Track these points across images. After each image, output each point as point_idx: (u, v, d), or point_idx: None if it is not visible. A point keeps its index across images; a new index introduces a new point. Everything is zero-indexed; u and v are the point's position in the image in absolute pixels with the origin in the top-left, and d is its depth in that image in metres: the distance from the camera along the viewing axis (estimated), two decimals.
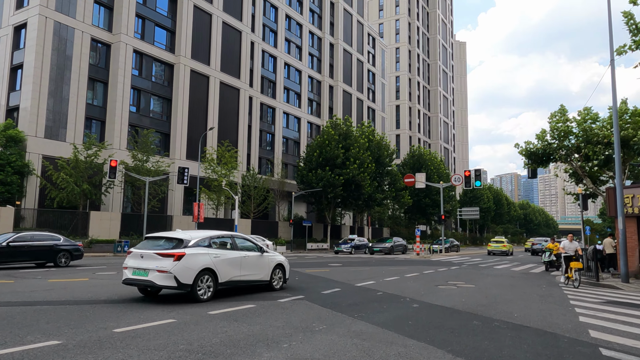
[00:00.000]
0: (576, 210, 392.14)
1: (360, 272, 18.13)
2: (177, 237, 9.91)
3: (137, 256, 9.64)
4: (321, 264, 22.91)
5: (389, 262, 26.09)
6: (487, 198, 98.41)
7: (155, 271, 9.24)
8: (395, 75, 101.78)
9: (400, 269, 19.57)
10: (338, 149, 46.08)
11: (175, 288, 9.34)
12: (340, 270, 18.93)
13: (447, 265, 23.42)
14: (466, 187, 34.75)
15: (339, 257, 32.04)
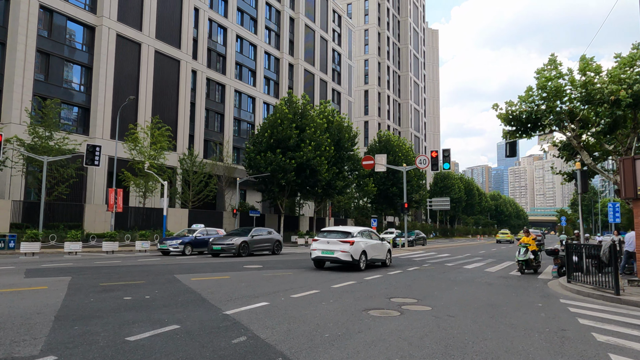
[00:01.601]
0: (545, 202, 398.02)
1: (271, 280, 12.58)
2: (347, 231, 16.14)
3: (324, 242, 15.87)
4: (230, 265, 17.29)
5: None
6: (458, 188, 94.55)
7: (339, 251, 15.47)
8: (363, 58, 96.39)
9: (334, 275, 14.11)
10: (291, 129, 40.37)
11: (349, 262, 15.55)
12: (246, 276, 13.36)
13: (404, 266, 18.13)
14: (433, 169, 29.67)
15: (213, 259, 26.40)
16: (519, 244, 16.80)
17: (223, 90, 50.90)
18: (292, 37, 63.04)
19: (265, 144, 40.56)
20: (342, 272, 15.08)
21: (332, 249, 15.38)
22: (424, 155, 30.12)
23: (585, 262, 12.79)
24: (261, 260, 19.95)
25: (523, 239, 16.51)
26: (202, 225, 28.64)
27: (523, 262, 15.93)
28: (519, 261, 16.06)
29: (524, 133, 16.73)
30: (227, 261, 19.06)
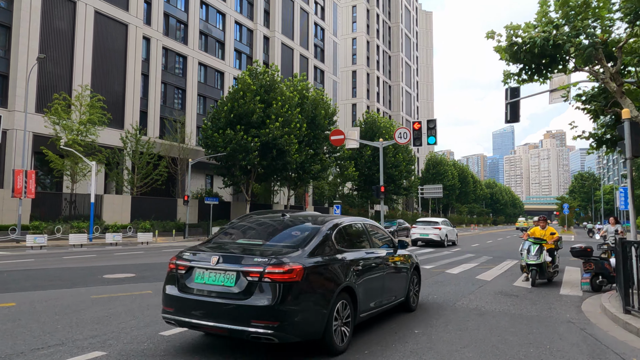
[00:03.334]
0: (540, 190, 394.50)
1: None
2: (436, 220, 26.10)
3: (422, 228, 25.69)
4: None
5: None
6: (452, 175, 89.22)
7: (432, 234, 24.90)
8: (351, 36, 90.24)
9: None
10: (255, 102, 34.58)
11: (440, 242, 24.82)
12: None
13: None
14: (415, 144, 24.06)
15: None
16: (525, 237, 11.06)
17: (185, 62, 44.94)
18: (267, 6, 56.95)
19: (224, 120, 34.78)
20: None
21: (427, 232, 25.34)
22: (404, 127, 24.47)
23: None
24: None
25: (534, 231, 10.93)
26: None
27: (536, 267, 10.37)
28: (528, 265, 10.52)
29: (536, 73, 11.11)
30: (87, 267, 13.47)
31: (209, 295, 4.67)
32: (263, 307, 4.39)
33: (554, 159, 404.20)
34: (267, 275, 4.48)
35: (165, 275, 5.17)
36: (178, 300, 4.82)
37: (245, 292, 4.53)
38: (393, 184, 58.89)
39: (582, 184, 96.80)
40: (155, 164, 34.46)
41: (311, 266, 4.76)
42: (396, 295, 6.69)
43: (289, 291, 4.47)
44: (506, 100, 17.53)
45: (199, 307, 4.65)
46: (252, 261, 4.62)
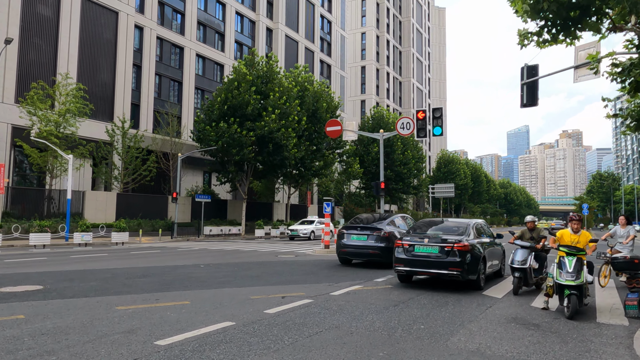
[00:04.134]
0: (556, 191, 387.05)
1: None
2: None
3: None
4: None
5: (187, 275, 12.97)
6: (464, 174, 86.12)
7: None
8: (360, 31, 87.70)
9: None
10: (250, 93, 32.33)
11: None
12: None
13: (332, 287, 10.28)
14: (419, 136, 21.59)
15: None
16: (554, 244, 7.98)
17: (181, 53, 42.88)
18: None
19: (217, 112, 32.60)
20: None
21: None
22: (407, 117, 21.99)
23: None
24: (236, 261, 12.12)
25: (563, 235, 8.16)
26: None
27: (575, 292, 7.13)
28: (559, 287, 7.36)
29: (562, 31, 8.58)
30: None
31: (425, 257, 9.43)
32: (454, 262, 9.16)
33: (570, 159, 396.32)
34: (455, 247, 9.26)
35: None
36: (406, 260, 9.56)
37: (444, 255, 9.27)
38: (402, 182, 56.37)
39: (601, 183, 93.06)
40: (145, 159, 32.40)
41: (471, 243, 9.47)
42: (496, 264, 11.38)
43: (464, 255, 9.19)
44: (522, 80, 14.99)
45: (419, 263, 9.45)
46: (446, 241, 9.39)
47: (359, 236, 13.28)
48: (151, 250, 19.38)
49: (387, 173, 53.52)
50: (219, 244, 24.59)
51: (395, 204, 69.80)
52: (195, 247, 21.24)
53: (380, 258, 12.85)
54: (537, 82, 14.91)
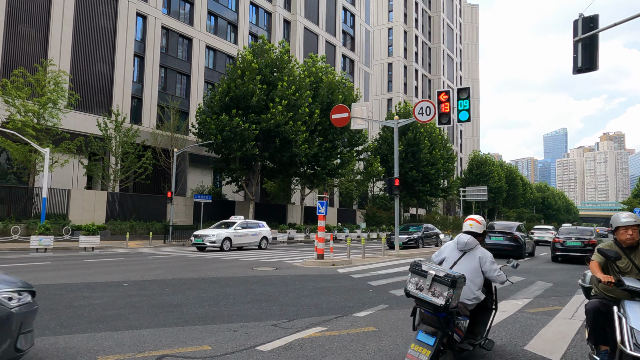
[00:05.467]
0: (596, 196, 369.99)
1: None
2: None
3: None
4: None
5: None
6: (498, 176, 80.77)
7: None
8: (387, 26, 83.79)
9: None
10: (255, 83, 29.15)
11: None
12: None
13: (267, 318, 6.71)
14: (442, 122, 17.89)
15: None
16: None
17: (190, 45, 40.21)
18: None
19: (218, 104, 29.58)
20: None
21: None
22: (427, 100, 18.26)
23: None
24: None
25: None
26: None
27: None
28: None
29: None
30: None
31: (572, 247, 18.04)
32: (590, 250, 16.82)
33: (612, 162, 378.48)
34: (590, 242, 17.66)
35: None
36: (561, 249, 18.32)
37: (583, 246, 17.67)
38: (429, 184, 52.14)
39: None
40: (141, 155, 29.65)
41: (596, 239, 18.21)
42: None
43: (594, 245, 16.26)
44: (575, 37, 11.18)
45: (569, 249, 18.07)
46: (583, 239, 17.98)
47: (496, 237, 19.05)
48: (119, 257, 16.31)
49: (413, 174, 49.54)
50: (209, 251, 21.39)
51: (422, 208, 65.49)
52: (173, 255, 18.06)
53: (511, 251, 18.37)
54: (597, 38, 11.06)
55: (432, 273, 3.76)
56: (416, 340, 3.80)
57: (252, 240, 22.62)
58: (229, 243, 21.23)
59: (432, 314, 3.82)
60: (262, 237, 23.21)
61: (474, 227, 4.77)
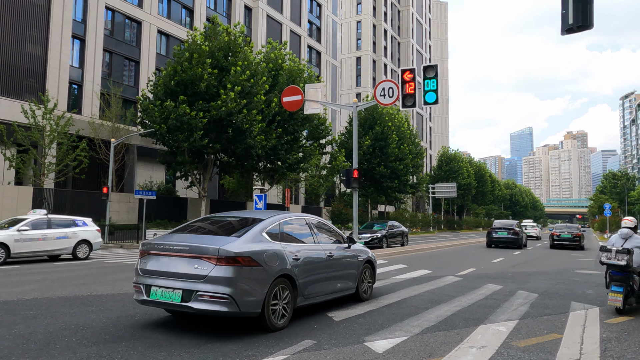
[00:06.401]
0: (561, 193, 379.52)
1: None
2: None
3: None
4: None
5: None
6: (467, 173, 79.91)
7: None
8: (355, 19, 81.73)
9: None
10: (205, 67, 26.30)
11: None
12: None
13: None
14: (406, 105, 15.59)
15: None
16: None
17: (139, 28, 36.91)
18: None
19: (162, 89, 26.62)
20: None
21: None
22: (389, 80, 15.97)
23: None
24: None
25: None
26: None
27: None
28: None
29: None
30: None
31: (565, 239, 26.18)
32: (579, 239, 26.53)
33: (575, 160, 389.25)
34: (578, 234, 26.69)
35: None
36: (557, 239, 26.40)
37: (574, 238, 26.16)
38: (397, 180, 50.26)
39: (614, 183, 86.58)
40: (75, 147, 26.39)
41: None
42: None
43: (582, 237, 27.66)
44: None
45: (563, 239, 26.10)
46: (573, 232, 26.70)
47: (502, 232, 25.43)
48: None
49: (381, 169, 47.57)
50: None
51: (391, 205, 63.63)
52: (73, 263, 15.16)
53: (513, 243, 25.02)
54: None
55: (614, 249, 7.04)
56: (611, 290, 7.06)
57: (54, 248, 14.88)
58: (4, 253, 13.58)
59: (619, 273, 7.03)
60: (79, 242, 15.53)
61: (627, 223, 7.63)
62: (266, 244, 5.77)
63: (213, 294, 5.09)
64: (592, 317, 6.96)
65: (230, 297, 5.09)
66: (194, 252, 5.32)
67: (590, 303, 8.20)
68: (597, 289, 10.07)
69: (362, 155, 46.65)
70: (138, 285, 5.64)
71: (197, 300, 5.13)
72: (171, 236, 5.96)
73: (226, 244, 5.33)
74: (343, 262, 7.28)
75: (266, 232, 5.96)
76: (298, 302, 6.11)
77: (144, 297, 5.52)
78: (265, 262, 5.54)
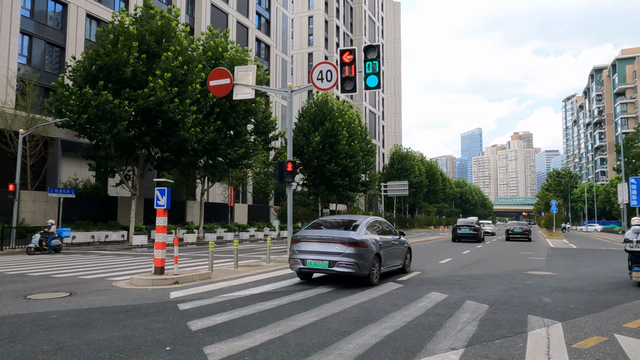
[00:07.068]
0: (508, 191, 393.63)
1: None
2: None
3: None
4: None
5: None
6: (419, 171, 79.99)
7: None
8: (307, 14, 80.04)
9: None
10: (132, 51, 23.70)
11: None
12: None
13: None
14: (345, 89, 14.00)
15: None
16: None
17: (65, 11, 33.53)
18: None
19: (82, 75, 23.82)
20: None
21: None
22: (327, 62, 14.29)
23: None
24: None
25: None
26: None
27: None
28: None
29: None
30: None
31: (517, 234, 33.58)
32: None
33: (521, 160, 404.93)
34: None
35: None
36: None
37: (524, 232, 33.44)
38: (348, 178, 48.94)
39: (559, 181, 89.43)
40: None
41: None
42: None
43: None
44: None
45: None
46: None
47: (465, 229, 29.73)
48: None
49: (331, 166, 46.05)
50: (48, 259, 15.94)
51: (343, 203, 62.35)
52: None
53: (474, 237, 29.51)
54: None
55: (635, 240, 9.44)
56: (634, 270, 9.52)
57: None
58: None
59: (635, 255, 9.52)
60: None
61: (637, 221, 9.92)
62: (369, 235, 9.58)
63: (347, 263, 8.80)
64: (556, 339, 5.42)
65: (357, 264, 8.85)
66: (335, 240, 9.04)
67: (550, 316, 6.71)
68: (554, 295, 8.70)
69: (312, 152, 45.01)
70: (295, 259, 9.32)
71: (338, 266, 8.84)
72: (310, 231, 9.65)
73: (351, 234, 9.12)
74: (399, 247, 11.32)
75: (366, 228, 9.74)
76: (381, 270, 9.94)
77: (300, 266, 9.26)
78: (370, 245, 9.28)
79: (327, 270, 8.98)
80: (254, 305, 7.25)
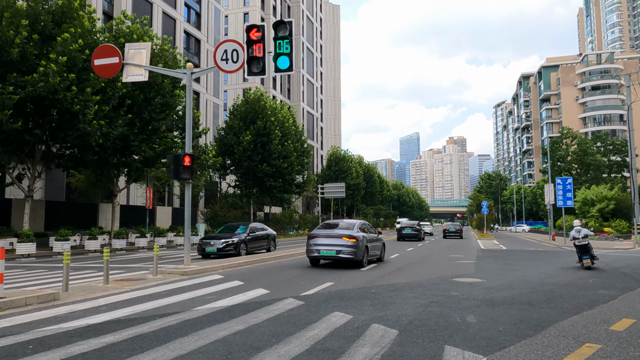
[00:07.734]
0: (444, 194, 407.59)
1: None
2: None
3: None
4: None
5: None
6: (357, 173, 79.48)
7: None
8: (242, 11, 77.46)
9: None
10: (20, 30, 20.45)
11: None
12: None
13: None
14: (252, 72, 12.05)
15: None
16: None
17: None
18: None
19: None
20: None
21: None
22: (233, 40, 12.33)
23: None
24: None
25: None
26: None
27: None
28: None
29: None
30: None
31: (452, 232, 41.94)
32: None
33: (456, 163, 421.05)
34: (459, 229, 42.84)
35: None
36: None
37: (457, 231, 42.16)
38: (282, 179, 46.96)
39: (490, 183, 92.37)
40: None
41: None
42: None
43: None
44: None
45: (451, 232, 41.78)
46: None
47: (407, 230, 35.03)
48: None
49: (264, 167, 43.87)
50: None
51: (278, 206, 60.29)
52: None
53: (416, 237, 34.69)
54: None
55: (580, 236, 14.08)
56: (584, 258, 13.84)
57: None
58: None
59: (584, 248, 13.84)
60: None
61: (577, 223, 14.80)
62: (361, 233, 13.99)
63: (348, 252, 13.16)
64: None
65: (355, 252, 13.21)
66: (340, 236, 13.52)
67: (472, 347, 5.09)
68: (480, 311, 7.20)
69: (243, 151, 42.68)
70: (312, 250, 13.54)
71: (342, 254, 13.17)
72: (322, 230, 14.30)
73: (350, 232, 13.60)
74: (378, 242, 15.72)
75: (358, 228, 14.25)
76: (367, 258, 14.14)
77: (316, 254, 13.52)
78: (361, 240, 13.62)
79: (334, 257, 13.24)
80: (69, 346, 5.09)
